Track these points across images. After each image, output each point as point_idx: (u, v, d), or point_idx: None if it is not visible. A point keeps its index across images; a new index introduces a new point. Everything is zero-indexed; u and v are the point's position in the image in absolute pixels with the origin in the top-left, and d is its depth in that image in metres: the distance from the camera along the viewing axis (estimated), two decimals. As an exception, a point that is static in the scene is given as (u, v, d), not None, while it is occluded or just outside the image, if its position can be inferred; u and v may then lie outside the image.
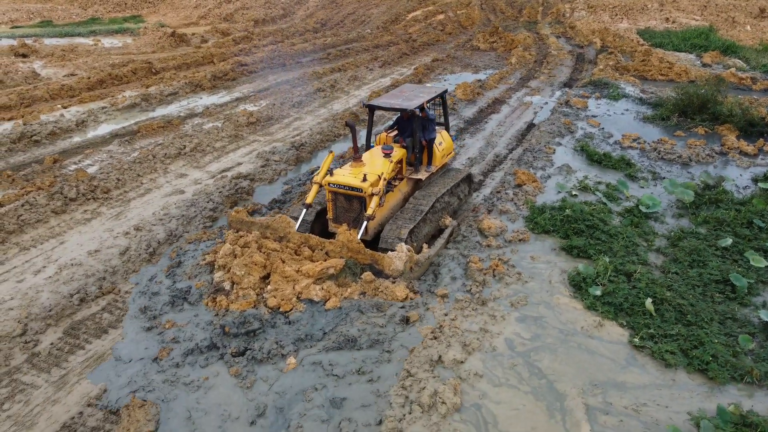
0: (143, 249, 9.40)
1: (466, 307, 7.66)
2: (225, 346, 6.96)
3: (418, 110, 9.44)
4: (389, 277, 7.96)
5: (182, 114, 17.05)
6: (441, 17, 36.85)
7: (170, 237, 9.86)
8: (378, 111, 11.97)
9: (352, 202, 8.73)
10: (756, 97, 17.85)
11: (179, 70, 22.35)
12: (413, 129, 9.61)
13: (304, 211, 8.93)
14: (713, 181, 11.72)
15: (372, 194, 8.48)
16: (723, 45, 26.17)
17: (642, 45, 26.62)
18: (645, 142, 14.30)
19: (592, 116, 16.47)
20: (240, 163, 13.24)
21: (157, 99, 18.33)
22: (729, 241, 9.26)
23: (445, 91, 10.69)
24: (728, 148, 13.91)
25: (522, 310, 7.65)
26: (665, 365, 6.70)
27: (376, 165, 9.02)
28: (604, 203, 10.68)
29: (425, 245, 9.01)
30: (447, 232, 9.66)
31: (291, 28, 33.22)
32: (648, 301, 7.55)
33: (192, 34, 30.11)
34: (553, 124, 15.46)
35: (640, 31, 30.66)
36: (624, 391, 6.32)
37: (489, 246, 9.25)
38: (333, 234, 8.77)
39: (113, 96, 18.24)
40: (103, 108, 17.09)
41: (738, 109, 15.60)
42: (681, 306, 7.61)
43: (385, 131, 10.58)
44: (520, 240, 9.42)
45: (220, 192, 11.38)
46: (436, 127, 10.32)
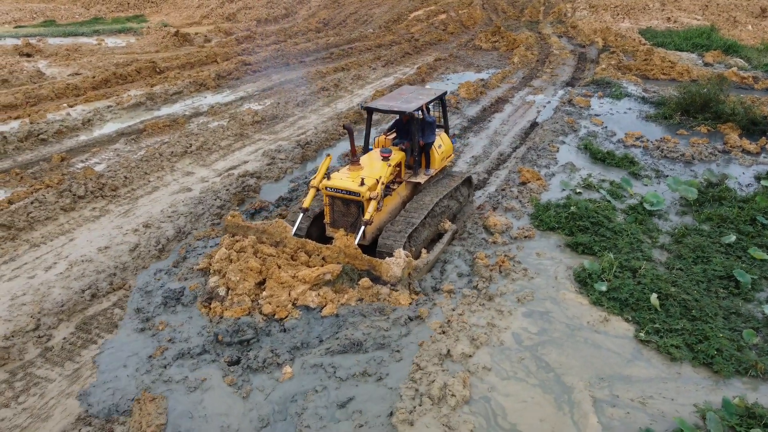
0: (152, 245, 9.49)
1: (473, 303, 7.75)
2: (218, 355, 6.86)
3: (417, 113, 9.27)
4: (387, 284, 7.81)
5: (187, 113, 17.15)
6: (443, 17, 36.94)
7: (179, 234, 9.95)
8: (377, 113, 11.78)
9: (350, 207, 8.59)
10: (758, 96, 17.94)
11: (183, 70, 22.44)
12: (412, 132, 9.43)
13: (301, 216, 8.80)
14: (716, 179, 11.81)
15: (370, 199, 8.31)
16: (724, 44, 26.25)
17: (644, 44, 26.71)
18: (648, 141, 14.39)
19: (595, 115, 16.56)
20: (246, 162, 13.33)
21: (162, 98, 18.43)
22: (732, 238, 9.35)
23: (445, 93, 10.51)
24: (731, 147, 14.00)
25: (528, 306, 7.75)
26: (671, 359, 6.79)
27: (374, 169, 8.88)
28: (609, 201, 10.77)
29: (424, 250, 8.89)
30: (447, 236, 9.49)
31: (293, 28, 33.31)
32: (653, 297, 7.65)
33: (195, 34, 30.21)
34: (557, 123, 15.55)
35: (642, 31, 30.74)
36: (630, 384, 6.42)
37: (495, 243, 9.34)
38: (330, 239, 8.62)
39: (118, 95, 18.35)
40: (109, 107, 17.19)
41: (740, 108, 15.69)
42: (686, 301, 7.70)
43: (384, 134, 10.41)
44: (526, 237, 9.52)
45: (228, 190, 11.48)
46: (436, 130, 10.13)
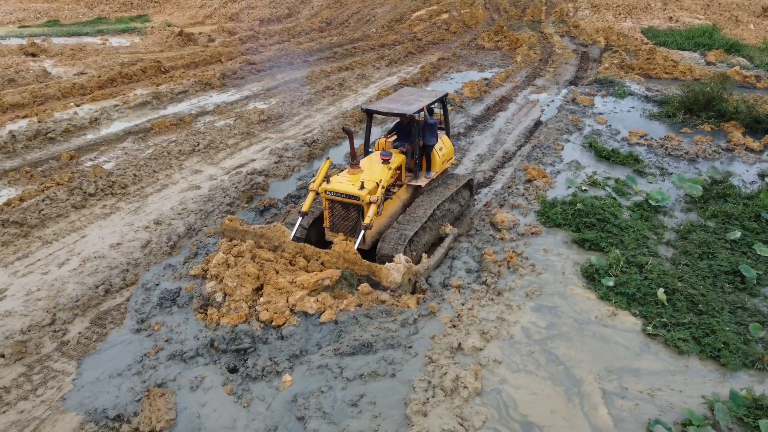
0: (164, 242, 9.61)
1: (483, 297, 7.86)
2: (215, 362, 6.78)
3: (417, 115, 9.16)
4: (387, 289, 7.70)
5: (193, 112, 17.27)
6: (445, 16, 37.04)
7: (189, 231, 10.07)
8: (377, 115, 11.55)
9: (350, 211, 8.46)
10: (760, 95, 18.03)
11: (188, 69, 22.55)
12: (413, 134, 9.31)
13: (300, 220, 8.66)
14: (720, 177, 11.91)
15: (370, 202, 8.18)
16: (727, 44, 26.33)
17: (646, 44, 26.80)
18: (652, 139, 14.49)
19: (599, 113, 16.66)
20: (253, 160, 13.45)
21: (168, 97, 18.54)
22: (738, 234, 9.45)
23: (446, 95, 10.34)
24: (734, 145, 14.10)
25: (537, 300, 7.86)
26: (678, 352, 6.90)
27: (374, 172, 8.74)
28: (614, 198, 10.88)
29: (425, 254, 8.75)
30: (448, 241, 9.36)
31: (296, 28, 33.41)
32: (660, 291, 7.76)
33: (199, 34, 30.31)
34: (561, 122, 15.65)
35: (644, 30, 30.82)
36: (639, 377, 6.53)
37: (502, 239, 9.45)
38: (330, 243, 8.47)
39: (124, 94, 18.45)
40: (116, 106, 17.30)
41: (743, 107, 15.80)
42: (692, 296, 7.81)
43: (384, 136, 10.24)
44: (533, 233, 9.62)
45: (236, 187, 11.59)
46: (437, 132, 9.92)
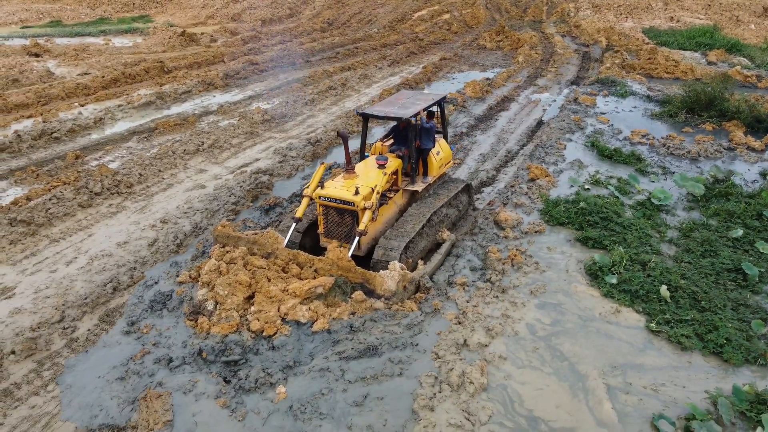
0: (171, 240, 9.69)
1: (487, 295, 7.94)
2: (200, 370, 6.65)
3: (414, 119, 8.98)
4: (381, 297, 7.56)
5: (197, 112, 17.35)
6: (447, 16, 37.14)
7: (196, 229, 10.15)
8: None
9: (344, 217, 8.33)
10: (762, 95, 18.08)
11: (191, 69, 22.66)
12: (409, 138, 9.20)
13: (294, 226, 8.53)
14: (722, 176, 11.99)
15: (365, 208, 8.04)
16: (728, 43, 26.42)
17: (647, 44, 26.88)
18: (654, 138, 14.57)
19: (601, 113, 16.73)
20: (258, 159, 13.53)
21: (172, 97, 18.63)
22: (740, 232, 9.52)
23: (443, 98, 10.16)
24: (736, 144, 14.17)
25: (541, 298, 7.93)
26: (681, 348, 6.97)
27: (370, 177, 8.60)
28: (617, 197, 10.95)
29: (421, 261, 8.57)
30: (445, 247, 9.17)
31: (298, 28, 33.51)
32: (663, 288, 7.83)
33: (201, 34, 30.42)
34: (563, 121, 15.72)
35: (645, 30, 30.91)
36: (642, 373, 6.60)
37: (506, 237, 9.52)
38: (325, 249, 8.20)
39: (128, 94, 18.56)
40: (119, 106, 17.39)
41: (745, 106, 15.86)
42: (695, 293, 7.88)
43: (381, 140, 10.11)
44: (536, 231, 9.70)
45: (241, 186, 11.67)
46: (435, 136, 9.72)
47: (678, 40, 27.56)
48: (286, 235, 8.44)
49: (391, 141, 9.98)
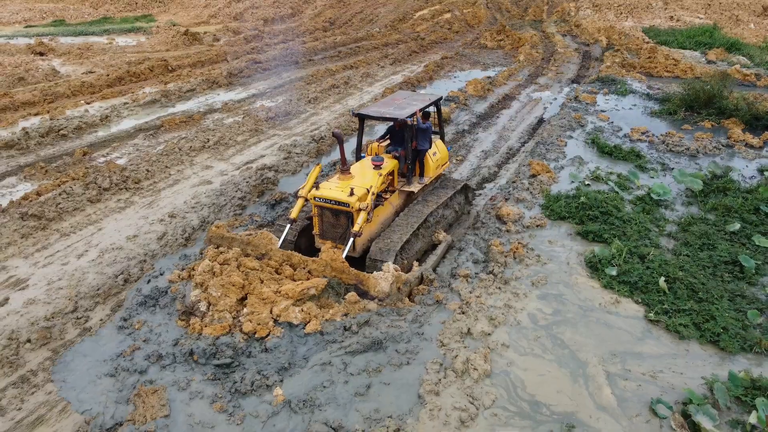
0: (179, 234, 9.88)
1: (490, 286, 8.13)
2: (193, 369, 6.65)
3: (410, 119, 8.99)
4: (375, 298, 7.56)
5: (202, 109, 17.54)
6: (448, 16, 37.32)
7: (203, 223, 10.34)
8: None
9: (339, 218, 8.33)
10: (760, 93, 18.28)
11: (194, 68, 22.83)
12: (405, 139, 9.21)
13: (288, 227, 8.52)
14: (721, 171, 12.18)
15: (359, 209, 8.03)
16: (727, 42, 26.60)
17: (647, 43, 27.06)
18: (653, 136, 14.76)
19: (601, 111, 16.93)
20: (263, 156, 13.72)
21: (176, 95, 18.82)
22: (737, 226, 9.72)
23: (440, 99, 10.18)
24: (734, 141, 14.36)
25: (542, 289, 8.13)
26: (679, 337, 7.17)
27: (365, 178, 8.60)
28: (617, 192, 11.14)
29: (416, 262, 8.64)
30: (441, 248, 9.17)
31: (300, 27, 33.70)
32: (661, 280, 8.02)
33: (204, 33, 30.61)
34: (564, 119, 15.92)
35: (645, 30, 31.09)
36: (641, 360, 6.80)
37: (508, 231, 9.71)
38: (320, 250, 8.24)
39: (133, 92, 18.74)
40: (125, 104, 17.58)
41: (743, 104, 16.07)
42: (693, 284, 8.07)
43: (377, 141, 10.11)
44: (538, 225, 9.89)
45: (247, 182, 11.85)
46: (432, 137, 9.78)
47: (678, 39, 27.74)
48: (281, 237, 8.41)
49: (387, 142, 10.02)
